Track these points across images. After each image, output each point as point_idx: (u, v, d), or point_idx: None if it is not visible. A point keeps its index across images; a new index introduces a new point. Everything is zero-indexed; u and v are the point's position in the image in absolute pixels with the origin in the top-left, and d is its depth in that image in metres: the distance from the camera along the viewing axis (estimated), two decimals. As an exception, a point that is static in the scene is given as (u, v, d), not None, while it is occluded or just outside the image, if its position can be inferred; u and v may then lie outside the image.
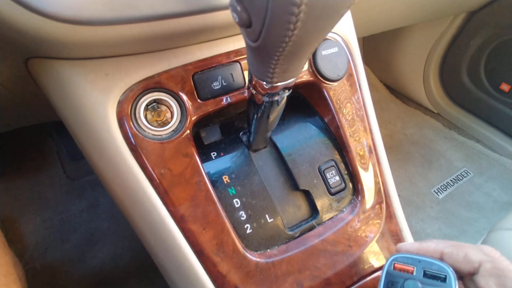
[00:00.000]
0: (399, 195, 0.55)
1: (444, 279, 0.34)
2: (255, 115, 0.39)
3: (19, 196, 1.15)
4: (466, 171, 1.40)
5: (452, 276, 0.34)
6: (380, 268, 0.50)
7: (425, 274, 0.35)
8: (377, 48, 1.65)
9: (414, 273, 0.36)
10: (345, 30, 0.53)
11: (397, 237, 0.53)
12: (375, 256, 0.50)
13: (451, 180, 1.37)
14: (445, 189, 1.34)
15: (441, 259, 0.36)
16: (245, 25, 0.24)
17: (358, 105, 0.53)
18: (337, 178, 0.51)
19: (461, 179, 1.37)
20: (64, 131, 0.44)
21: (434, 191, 1.34)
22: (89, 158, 0.43)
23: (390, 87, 1.73)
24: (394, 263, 0.37)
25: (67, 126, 0.43)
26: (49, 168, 1.23)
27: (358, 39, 0.56)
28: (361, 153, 0.52)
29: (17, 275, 0.44)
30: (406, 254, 0.38)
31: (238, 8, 0.23)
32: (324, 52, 0.50)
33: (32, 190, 1.17)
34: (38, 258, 1.05)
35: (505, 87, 1.26)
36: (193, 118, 0.43)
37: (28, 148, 1.25)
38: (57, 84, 0.39)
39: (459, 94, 1.45)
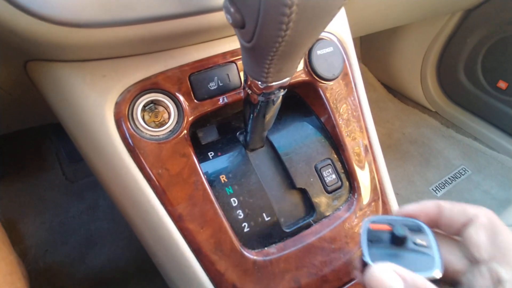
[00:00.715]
0: (397, 194, 0.56)
1: (421, 231, 0.35)
2: (251, 115, 0.39)
3: (19, 199, 1.16)
4: (464, 169, 1.40)
5: (426, 227, 0.35)
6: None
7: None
8: (374, 47, 1.65)
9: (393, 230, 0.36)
10: (339, 30, 0.54)
11: (394, 235, 0.54)
12: (372, 254, 0.50)
13: (449, 178, 1.37)
14: (443, 187, 1.34)
15: (439, 212, 0.36)
16: (239, 26, 0.24)
17: (353, 105, 0.54)
18: (334, 176, 0.52)
19: (459, 177, 1.37)
20: (63, 133, 0.45)
21: (433, 189, 1.34)
22: (88, 160, 0.43)
23: (388, 86, 1.74)
24: (370, 224, 0.36)
25: (66, 128, 0.43)
26: (48, 170, 1.23)
27: (355, 38, 0.56)
28: (357, 151, 0.53)
29: (21, 274, 0.45)
30: (380, 216, 0.38)
31: (232, 10, 0.23)
32: (319, 51, 0.50)
33: (31, 192, 1.17)
34: (38, 260, 1.05)
35: (502, 84, 1.27)
36: (190, 119, 0.43)
37: (27, 151, 1.25)
38: (55, 86, 0.39)
39: (457, 92, 1.46)
